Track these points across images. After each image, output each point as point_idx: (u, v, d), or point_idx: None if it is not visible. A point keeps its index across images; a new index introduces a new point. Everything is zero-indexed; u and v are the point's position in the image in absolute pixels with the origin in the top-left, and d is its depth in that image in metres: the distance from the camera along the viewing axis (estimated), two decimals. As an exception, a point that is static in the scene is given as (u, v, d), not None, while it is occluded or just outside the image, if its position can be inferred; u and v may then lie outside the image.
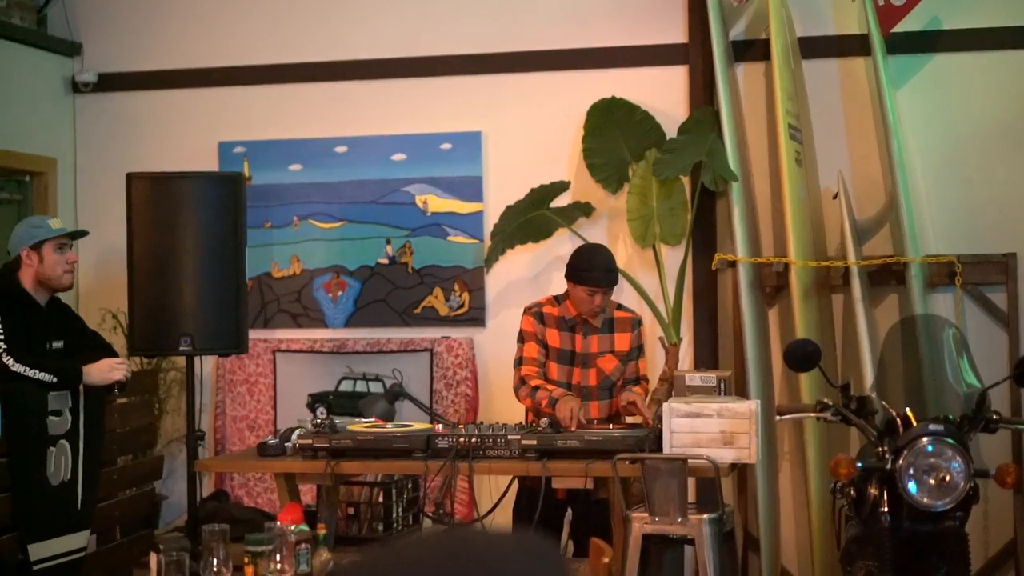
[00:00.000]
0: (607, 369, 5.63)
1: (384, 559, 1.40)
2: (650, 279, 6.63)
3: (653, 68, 6.85)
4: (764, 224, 6.66)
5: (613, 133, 6.67)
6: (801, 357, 4.81)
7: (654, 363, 6.71)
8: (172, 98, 7.48)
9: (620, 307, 5.77)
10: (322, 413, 5.63)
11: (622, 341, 5.66)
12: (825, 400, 4.88)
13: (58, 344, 5.48)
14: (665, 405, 5.14)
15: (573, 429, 5.25)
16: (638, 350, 5.74)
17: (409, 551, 1.43)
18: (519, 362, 5.68)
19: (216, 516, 6.05)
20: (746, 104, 6.69)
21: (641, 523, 4.96)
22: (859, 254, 6.28)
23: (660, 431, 5.13)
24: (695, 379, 5.32)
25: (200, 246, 5.90)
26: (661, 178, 6.43)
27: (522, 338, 5.70)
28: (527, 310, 5.75)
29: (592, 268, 5.59)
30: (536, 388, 5.50)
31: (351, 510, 6.14)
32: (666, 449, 5.06)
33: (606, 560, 4.04)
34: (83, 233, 5.82)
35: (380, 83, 7.20)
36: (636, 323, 5.72)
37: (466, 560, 1.37)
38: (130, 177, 5.96)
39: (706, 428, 5.05)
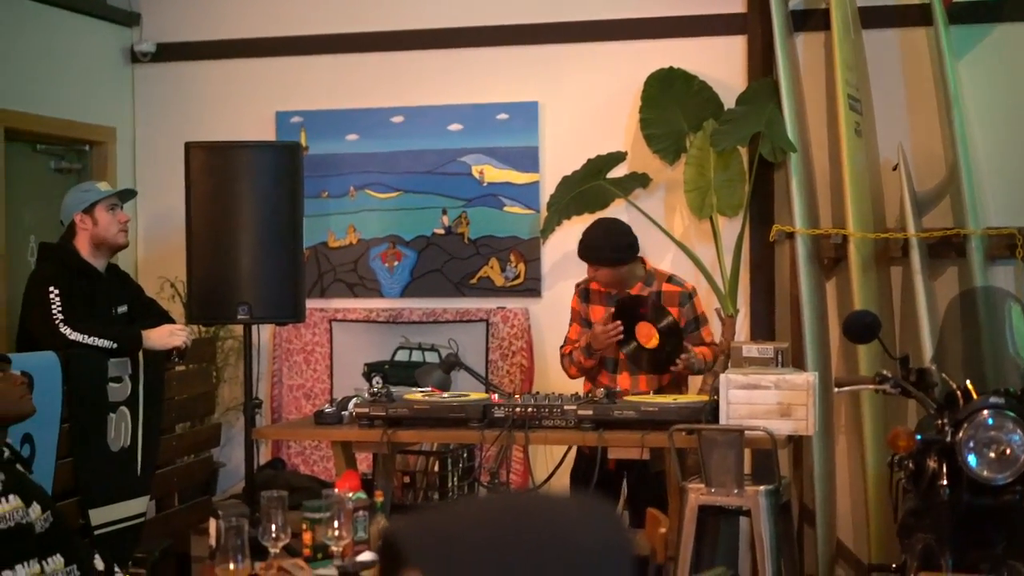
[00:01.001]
0: (647, 343, 5.60)
1: (442, 518, 1.40)
2: (707, 251, 6.60)
3: (711, 38, 6.80)
4: (822, 195, 6.61)
5: (671, 103, 6.64)
6: (860, 328, 4.78)
7: (711, 334, 6.68)
8: (230, 68, 7.51)
9: (671, 279, 5.74)
10: (378, 382, 5.65)
11: (675, 313, 5.64)
12: (884, 372, 4.84)
13: (122, 309, 5.54)
14: (722, 376, 5.12)
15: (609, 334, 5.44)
16: (694, 322, 5.72)
17: (468, 511, 1.42)
18: (564, 342, 5.73)
19: (272, 483, 6.08)
20: (805, 74, 6.63)
21: (697, 494, 4.95)
22: (919, 226, 6.22)
23: (717, 402, 5.12)
24: (752, 350, 5.29)
25: (257, 215, 5.92)
26: (719, 149, 6.39)
27: (570, 318, 5.77)
28: (576, 286, 5.77)
29: (589, 245, 5.67)
30: (571, 352, 5.61)
31: (407, 479, 6.16)
32: (723, 420, 5.04)
33: (663, 530, 4.04)
34: (132, 193, 5.86)
35: (437, 53, 7.19)
36: (685, 297, 5.70)
37: (526, 520, 1.37)
38: (188, 146, 5.99)
39: (763, 400, 5.03)
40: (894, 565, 4.96)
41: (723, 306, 6.45)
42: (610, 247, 5.66)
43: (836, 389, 5.17)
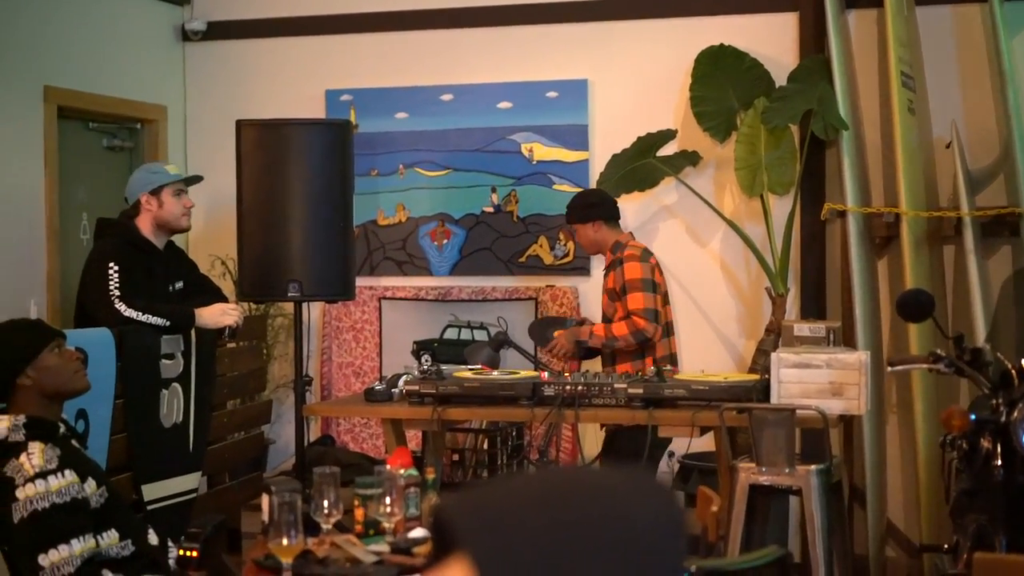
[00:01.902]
0: (603, 308, 5.91)
1: (492, 497, 1.40)
2: (757, 229, 6.56)
3: (763, 15, 6.75)
4: (875, 174, 6.56)
5: (721, 81, 6.60)
6: (914, 307, 4.75)
7: (761, 313, 6.67)
8: (280, 46, 7.53)
9: (626, 247, 5.86)
10: (427, 360, 5.67)
11: (609, 280, 5.88)
12: (938, 351, 4.81)
13: (179, 285, 5.59)
14: (773, 355, 5.10)
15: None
16: (623, 289, 5.81)
17: (517, 489, 1.42)
18: None
19: (322, 460, 6.10)
20: (857, 51, 6.57)
21: (748, 473, 4.94)
22: (972, 204, 6.16)
23: (768, 381, 5.10)
24: (803, 329, 5.27)
25: (308, 193, 5.93)
26: (770, 126, 6.35)
27: None
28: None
29: None
30: None
31: (456, 456, 6.18)
32: (774, 399, 5.03)
33: (714, 509, 4.03)
34: (198, 178, 5.89)
35: (487, 31, 7.18)
36: (617, 262, 5.85)
37: (577, 497, 1.36)
38: (239, 124, 6.01)
39: (814, 379, 5.01)
40: (946, 546, 4.93)
41: (773, 285, 6.42)
42: (568, 207, 6.05)
43: (889, 368, 5.14)
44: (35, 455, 3.62)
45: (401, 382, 5.61)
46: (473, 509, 1.36)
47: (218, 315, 5.49)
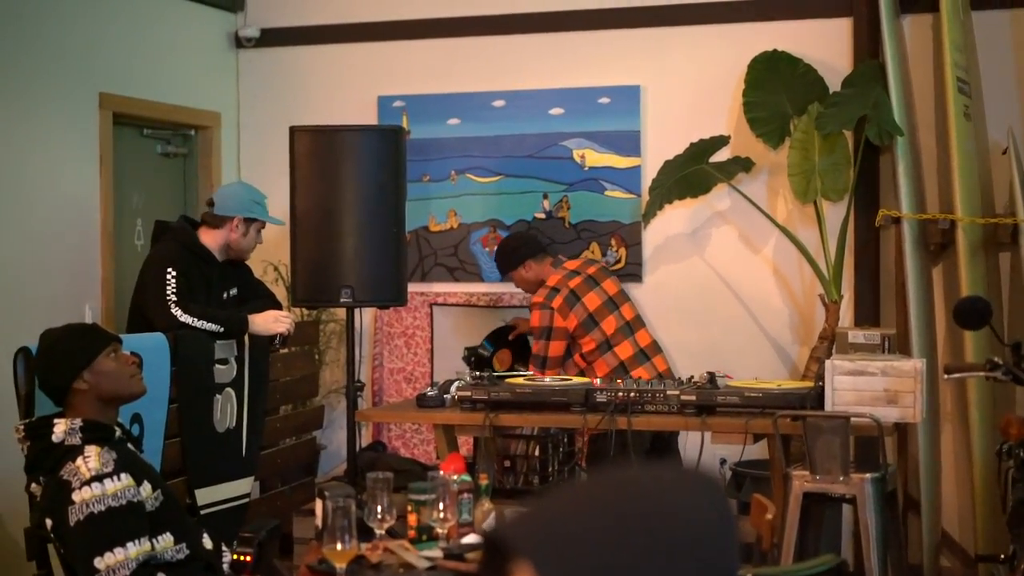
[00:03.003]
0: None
1: (546, 505, 1.39)
2: (810, 235, 6.52)
3: (816, 20, 6.71)
4: (930, 180, 6.50)
5: (775, 87, 6.56)
6: (972, 314, 4.70)
7: (814, 320, 6.63)
8: (332, 53, 7.55)
9: (540, 288, 6.19)
10: (483, 347, 5.68)
11: None
12: (995, 359, 4.75)
13: (233, 291, 5.62)
14: (828, 362, 5.07)
15: None
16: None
17: (572, 495, 1.41)
18: None
19: (374, 466, 6.12)
20: (912, 57, 6.52)
21: (802, 481, 4.91)
22: (1029, 211, 6.10)
23: (822, 388, 5.06)
24: (858, 336, 5.24)
25: (360, 199, 5.94)
26: (824, 132, 6.31)
27: None
28: None
29: None
30: None
31: (507, 463, 6.17)
32: (828, 406, 4.99)
33: (769, 516, 4.00)
34: (280, 223, 5.90)
35: (539, 37, 7.17)
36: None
37: (632, 500, 1.36)
38: (293, 130, 6.03)
39: (869, 386, 4.97)
40: (1002, 556, 4.88)
41: (827, 292, 6.38)
42: (496, 260, 6.49)
43: (945, 376, 5.09)
44: (91, 458, 3.64)
45: (453, 388, 5.62)
46: (528, 521, 1.36)
47: (270, 322, 5.52)
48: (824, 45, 6.65)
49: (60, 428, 3.75)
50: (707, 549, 1.34)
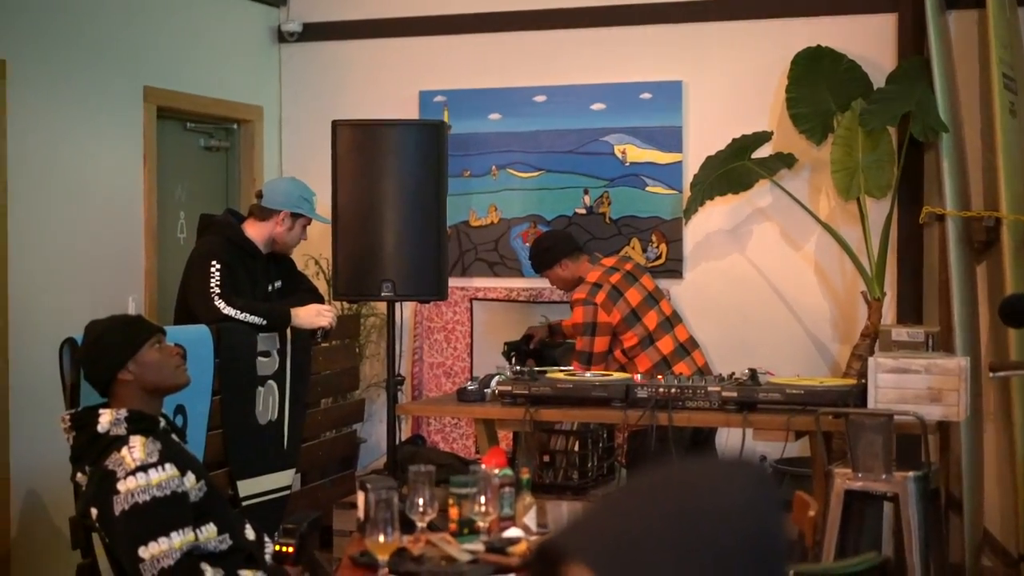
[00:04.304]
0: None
1: (596, 508, 1.40)
2: (853, 232, 6.49)
3: (861, 16, 6.68)
4: (974, 177, 6.46)
5: (818, 82, 6.53)
6: (1016, 312, 4.66)
7: (856, 318, 6.60)
8: (374, 47, 7.57)
9: (580, 284, 6.12)
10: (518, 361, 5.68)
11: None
12: (1041, 358, 4.72)
13: (277, 284, 5.64)
14: (871, 360, 5.04)
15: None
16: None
17: (626, 496, 1.41)
18: None
19: (413, 460, 6.12)
20: (957, 53, 6.48)
21: (844, 479, 4.89)
22: (1075, 209, 6.05)
23: (864, 386, 5.04)
24: (902, 334, 5.21)
25: (402, 193, 5.95)
26: (868, 128, 6.27)
27: None
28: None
29: None
30: None
31: (547, 458, 6.16)
32: (871, 404, 4.97)
33: (811, 514, 3.99)
34: (327, 222, 5.92)
35: (581, 32, 7.17)
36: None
37: (684, 492, 1.36)
38: (335, 124, 6.04)
39: (913, 384, 4.94)
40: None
41: (869, 289, 6.34)
42: (530, 258, 6.38)
43: (991, 374, 5.06)
44: (136, 449, 3.66)
45: (494, 382, 5.62)
46: (584, 527, 1.37)
47: (313, 316, 5.53)
48: (868, 41, 6.62)
49: (105, 418, 3.77)
50: (760, 542, 1.34)
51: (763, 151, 6.71)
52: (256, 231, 5.53)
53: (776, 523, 1.37)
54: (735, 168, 6.63)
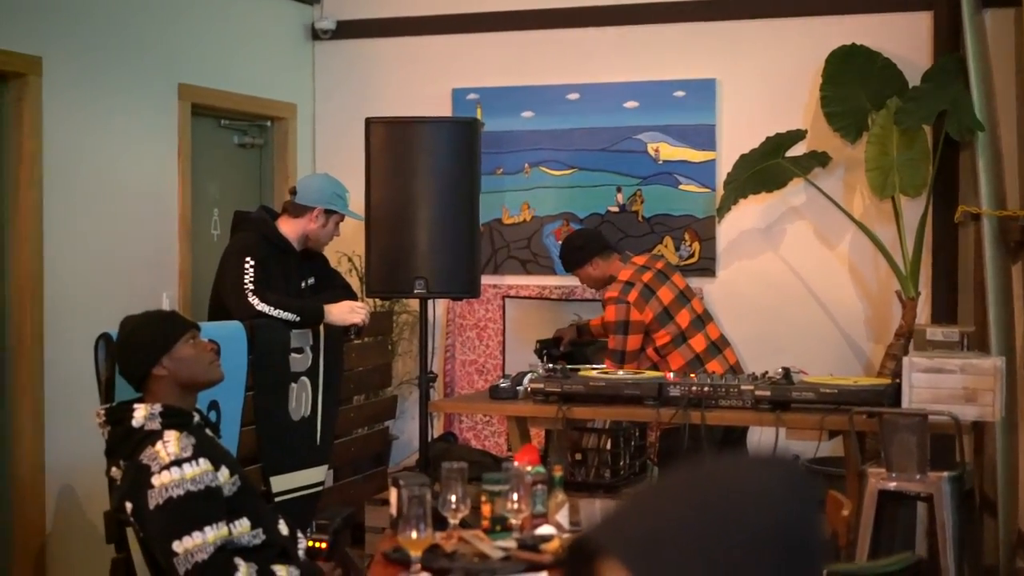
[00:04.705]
0: None
1: (629, 503, 1.39)
2: (887, 231, 6.45)
3: (896, 14, 6.65)
4: (1010, 176, 6.42)
5: (853, 81, 6.50)
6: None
7: (890, 317, 6.57)
8: (407, 45, 7.58)
9: (612, 282, 6.10)
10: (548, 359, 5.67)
11: None
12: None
13: (311, 281, 5.65)
14: (905, 359, 5.02)
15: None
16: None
17: (659, 491, 1.41)
18: None
19: (445, 457, 6.13)
20: (994, 52, 6.43)
21: (877, 479, 4.87)
22: (1112, 208, 6.00)
23: (898, 385, 5.02)
24: (936, 333, 5.18)
25: (435, 190, 5.96)
26: (903, 127, 6.24)
27: None
28: None
29: None
30: None
31: (579, 455, 6.16)
32: (905, 404, 4.95)
33: (845, 513, 3.97)
34: (361, 219, 5.92)
35: (614, 29, 7.16)
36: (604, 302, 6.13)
37: (718, 488, 1.36)
38: (369, 121, 6.05)
39: (947, 384, 4.92)
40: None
41: (904, 288, 6.31)
42: (561, 257, 6.37)
43: (1027, 374, 5.03)
44: (171, 443, 3.68)
45: (526, 380, 5.62)
46: (617, 522, 1.36)
47: (346, 312, 5.54)
48: (904, 39, 6.58)
49: (140, 413, 3.78)
50: (793, 537, 1.34)
51: (797, 149, 6.69)
52: (290, 228, 5.54)
53: (810, 519, 1.37)
54: (769, 166, 6.61)
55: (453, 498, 3.75)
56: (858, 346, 6.75)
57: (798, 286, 6.84)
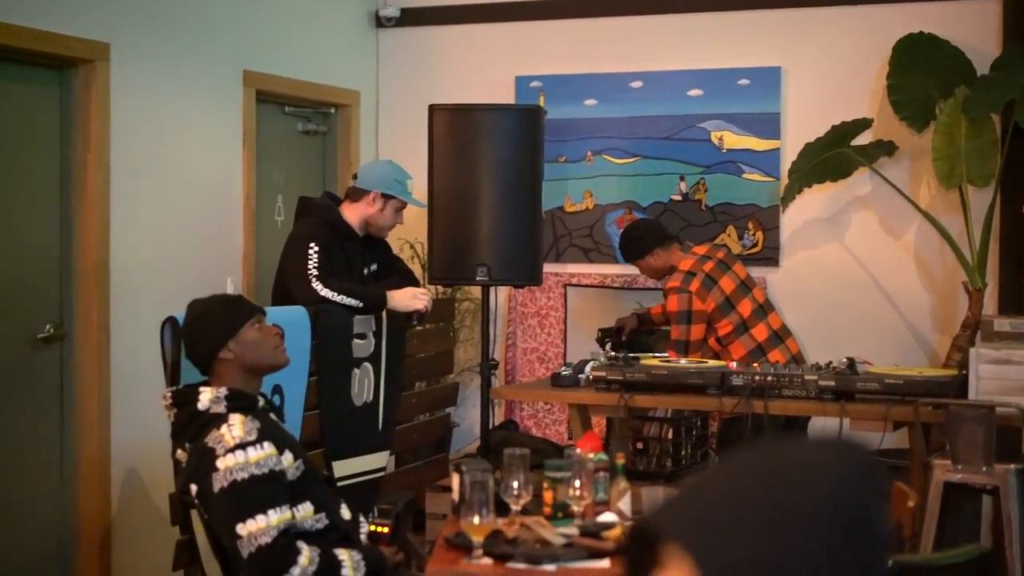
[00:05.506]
0: None
1: (691, 488, 1.39)
2: (954, 221, 6.38)
3: (964, 1, 6.57)
4: (1080, 166, 6.34)
5: (920, 69, 6.43)
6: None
7: (956, 308, 6.50)
8: (471, 32, 7.58)
9: (673, 272, 6.08)
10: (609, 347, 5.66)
11: None
12: None
13: (373, 267, 5.67)
14: (972, 350, 4.97)
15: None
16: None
17: (722, 476, 1.40)
18: None
19: (506, 444, 6.12)
20: (1065, 39, 6.35)
21: (943, 471, 4.82)
22: None
23: (965, 377, 4.97)
24: (1004, 325, 5.13)
25: (497, 178, 5.95)
26: (970, 116, 6.17)
27: None
28: None
29: None
30: None
31: (640, 444, 6.15)
32: (971, 395, 4.90)
33: (911, 504, 3.94)
34: (421, 206, 5.89)
35: (678, 17, 7.12)
36: (665, 292, 6.12)
37: (780, 472, 1.35)
38: (432, 109, 6.06)
39: (1015, 375, 4.87)
40: None
41: (970, 279, 6.24)
42: (621, 248, 6.38)
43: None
44: (236, 427, 3.70)
45: (588, 368, 5.62)
46: (678, 507, 1.36)
47: (409, 299, 5.55)
48: (972, 27, 6.51)
49: (206, 396, 3.81)
50: (856, 521, 1.33)
51: (863, 138, 6.63)
52: (351, 213, 5.56)
53: (873, 503, 1.35)
54: (834, 155, 6.56)
55: (515, 484, 3.75)
56: (923, 337, 6.69)
57: (862, 276, 6.79)
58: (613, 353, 5.71)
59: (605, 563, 3.53)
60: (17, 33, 5.19)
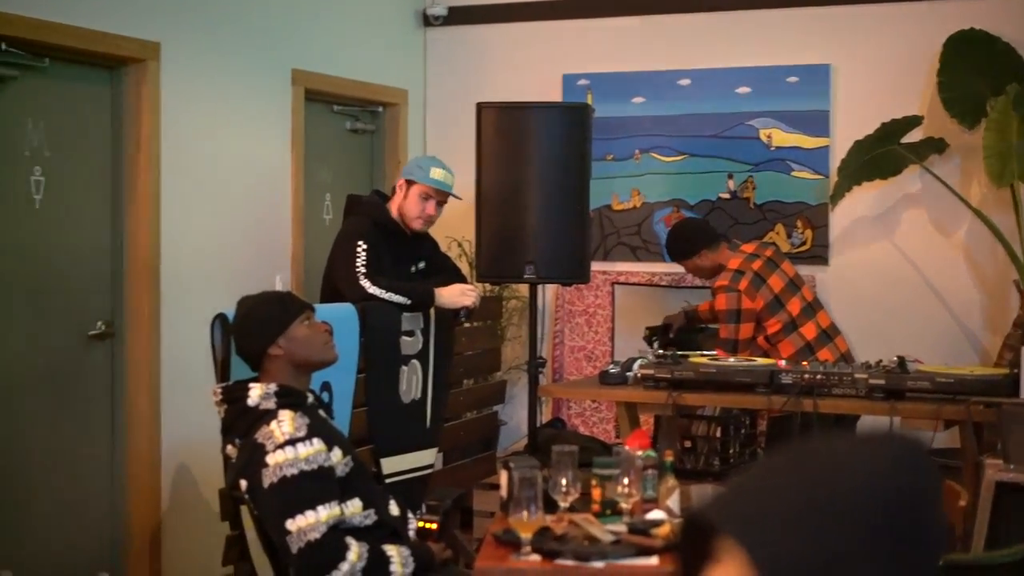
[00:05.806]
0: None
1: (743, 480, 1.39)
2: (1006, 219, 6.33)
3: (1017, -3, 6.52)
4: None
5: (971, 66, 6.38)
6: None
7: (1007, 307, 6.45)
8: (518, 31, 7.58)
9: (722, 271, 6.05)
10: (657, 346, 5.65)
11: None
12: None
13: (421, 265, 5.68)
14: (1023, 349, 4.92)
15: None
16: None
17: (777, 470, 1.40)
18: None
19: (554, 442, 6.12)
20: (1119, 35, 6.29)
21: (995, 470, 4.77)
22: None
23: (1017, 376, 4.92)
24: (1057, 323, 5.07)
25: (545, 176, 5.95)
26: (1022, 113, 6.11)
27: None
28: None
29: None
30: None
31: (687, 443, 6.13)
32: (1023, 394, 4.84)
33: (962, 503, 3.91)
34: (454, 197, 5.77)
35: (725, 15, 7.10)
36: (714, 291, 6.07)
37: (836, 467, 1.34)
38: (480, 107, 6.06)
39: (1067, 374, 4.81)
40: None
41: (1022, 277, 6.19)
42: (668, 248, 6.36)
43: None
44: (285, 423, 3.72)
45: (636, 366, 5.60)
46: (733, 500, 1.35)
47: (457, 295, 5.56)
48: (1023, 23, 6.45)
49: (256, 392, 3.83)
50: (904, 516, 1.32)
51: (913, 136, 6.59)
52: (393, 209, 5.59)
53: (923, 498, 1.34)
54: (884, 153, 6.52)
55: (563, 481, 3.75)
56: (974, 336, 6.63)
57: (912, 275, 6.74)
58: (661, 351, 5.70)
59: (653, 560, 3.52)
60: (69, 33, 5.23)
